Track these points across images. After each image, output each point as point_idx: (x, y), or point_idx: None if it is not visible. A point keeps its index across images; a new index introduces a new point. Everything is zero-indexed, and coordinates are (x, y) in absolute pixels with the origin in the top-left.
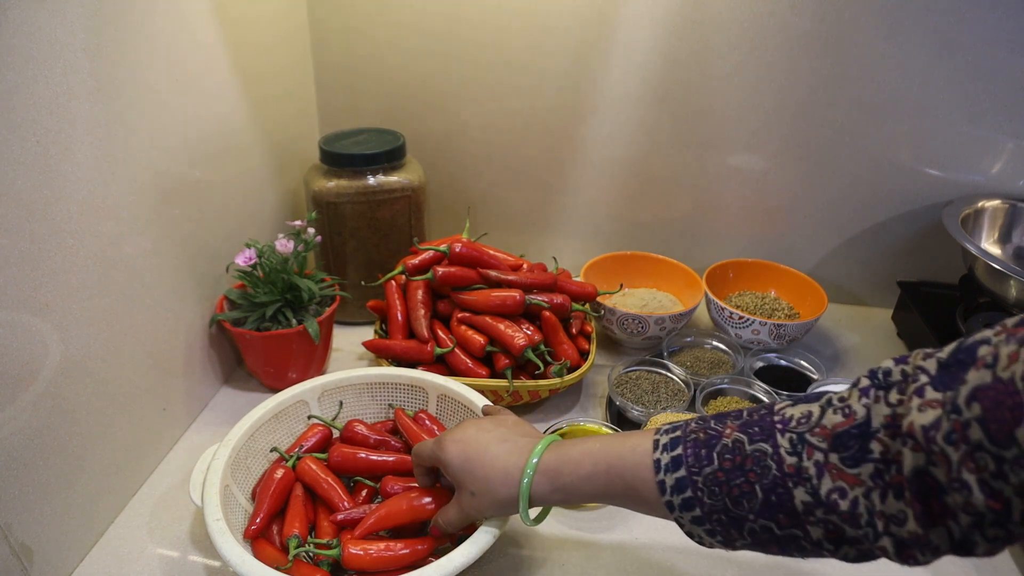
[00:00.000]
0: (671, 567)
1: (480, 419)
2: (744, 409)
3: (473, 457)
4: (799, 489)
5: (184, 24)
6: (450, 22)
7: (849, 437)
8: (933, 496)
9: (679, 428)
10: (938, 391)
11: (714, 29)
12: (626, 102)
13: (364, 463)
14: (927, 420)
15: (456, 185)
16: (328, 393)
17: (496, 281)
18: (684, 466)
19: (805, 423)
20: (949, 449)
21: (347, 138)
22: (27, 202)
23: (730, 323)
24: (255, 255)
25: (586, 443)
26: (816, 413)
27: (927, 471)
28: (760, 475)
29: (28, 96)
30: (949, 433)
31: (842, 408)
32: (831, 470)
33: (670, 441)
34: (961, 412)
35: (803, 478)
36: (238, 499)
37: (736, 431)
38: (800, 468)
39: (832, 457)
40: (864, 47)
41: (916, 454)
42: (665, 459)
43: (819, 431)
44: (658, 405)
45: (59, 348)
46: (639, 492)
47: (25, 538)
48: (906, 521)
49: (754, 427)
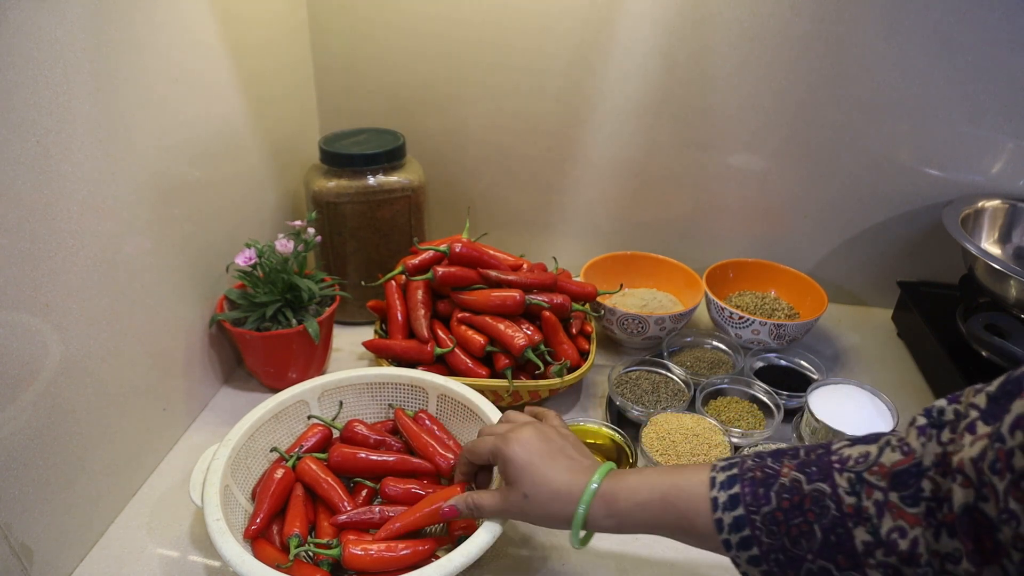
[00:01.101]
0: (671, 566)
1: (542, 426)
2: (800, 447)
3: (536, 462)
4: (859, 529)
5: (184, 24)
6: (450, 23)
7: (909, 475)
8: (985, 533)
9: (735, 465)
10: (988, 425)
11: (714, 29)
12: (626, 103)
13: (364, 463)
14: (975, 452)
15: (456, 185)
16: (328, 393)
17: (496, 281)
18: (742, 504)
19: (863, 462)
20: (995, 479)
21: (347, 138)
22: (27, 202)
23: (730, 323)
24: (255, 255)
25: (643, 472)
26: (874, 453)
27: (976, 507)
28: (819, 515)
29: (28, 96)
30: (993, 462)
31: (900, 447)
32: (891, 509)
33: (727, 479)
34: (1005, 441)
35: (863, 518)
36: (238, 499)
37: (793, 470)
38: (860, 508)
39: (892, 496)
40: (864, 47)
41: (966, 490)
42: (723, 497)
43: (877, 469)
44: (658, 405)
45: (59, 348)
46: (694, 525)
47: (25, 538)
48: (961, 560)
49: (812, 466)
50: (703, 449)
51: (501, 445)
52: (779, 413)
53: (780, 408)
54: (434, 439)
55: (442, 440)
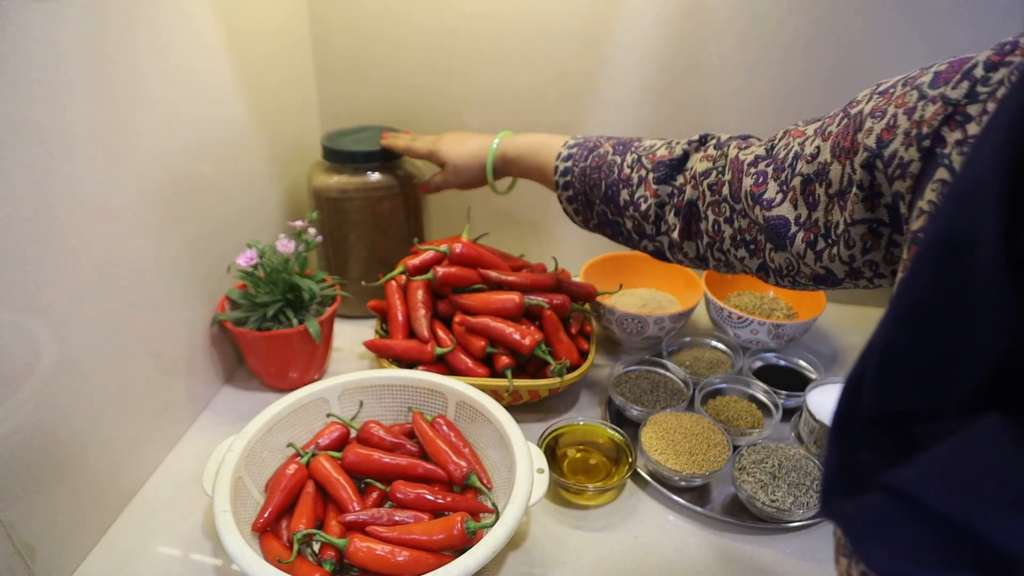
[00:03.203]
0: (671, 567)
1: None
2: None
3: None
4: (624, 191)
5: (186, 25)
6: (450, 23)
7: (664, 166)
8: (694, 221)
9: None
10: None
11: (714, 30)
12: (625, 102)
13: (377, 465)
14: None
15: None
16: (349, 392)
17: (496, 282)
18: (572, 159)
19: (647, 150)
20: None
21: (349, 135)
22: (29, 203)
23: (729, 323)
24: (256, 255)
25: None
26: (657, 146)
27: (694, 202)
28: (607, 175)
29: (30, 98)
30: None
31: (671, 148)
32: (645, 182)
33: (574, 143)
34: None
35: (627, 183)
36: (251, 491)
37: (611, 146)
38: (629, 177)
39: (649, 176)
40: (863, 47)
41: (693, 190)
42: (564, 152)
43: (651, 156)
44: (657, 405)
45: (61, 348)
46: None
47: (28, 537)
48: (674, 231)
49: (620, 146)
50: (702, 448)
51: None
52: (778, 412)
53: (779, 407)
54: (449, 445)
55: (457, 448)
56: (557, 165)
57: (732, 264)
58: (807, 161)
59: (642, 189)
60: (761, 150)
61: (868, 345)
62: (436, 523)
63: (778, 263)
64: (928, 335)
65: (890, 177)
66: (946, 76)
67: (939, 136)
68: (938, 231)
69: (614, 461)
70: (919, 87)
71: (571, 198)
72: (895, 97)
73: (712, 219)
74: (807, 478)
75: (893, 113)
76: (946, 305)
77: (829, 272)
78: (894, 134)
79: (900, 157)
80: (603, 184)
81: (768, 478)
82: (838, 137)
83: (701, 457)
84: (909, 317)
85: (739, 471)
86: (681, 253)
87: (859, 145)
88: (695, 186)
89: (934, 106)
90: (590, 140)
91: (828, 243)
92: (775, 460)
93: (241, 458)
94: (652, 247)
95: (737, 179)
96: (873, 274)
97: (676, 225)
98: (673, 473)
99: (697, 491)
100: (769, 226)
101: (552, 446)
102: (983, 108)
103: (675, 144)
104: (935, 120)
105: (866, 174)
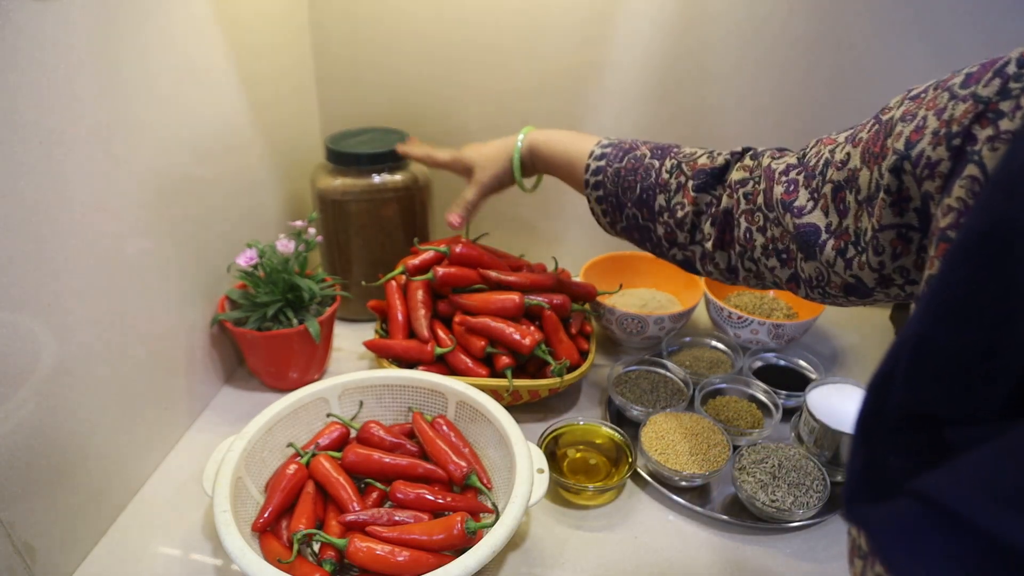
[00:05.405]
0: (671, 567)
1: None
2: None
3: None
4: (661, 196)
5: (187, 26)
6: (451, 23)
7: (705, 174)
8: (728, 230)
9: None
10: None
11: (713, 30)
12: (625, 102)
13: (377, 465)
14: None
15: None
16: (349, 392)
17: (496, 282)
18: (605, 159)
19: (687, 157)
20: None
21: (353, 137)
22: (30, 203)
23: (729, 323)
24: (256, 255)
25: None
26: (698, 154)
27: (730, 211)
28: (643, 179)
29: (31, 98)
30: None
31: (713, 157)
32: (683, 190)
33: (608, 143)
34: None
35: (666, 189)
36: (251, 492)
37: (648, 149)
38: (667, 183)
39: (689, 183)
40: (863, 47)
41: (729, 200)
42: (597, 151)
43: (691, 164)
44: (657, 404)
45: (61, 348)
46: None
47: (28, 537)
48: (708, 241)
49: (659, 150)
50: (702, 448)
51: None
52: (778, 412)
53: (779, 407)
54: (449, 446)
55: (457, 448)
56: (589, 164)
57: (763, 275)
58: (837, 168)
59: (680, 196)
60: (793, 159)
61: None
62: (436, 523)
63: (808, 273)
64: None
65: (919, 178)
66: (978, 76)
67: (969, 134)
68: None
69: (614, 461)
70: (950, 88)
71: (600, 198)
72: (926, 100)
73: (744, 227)
74: (807, 478)
75: (923, 115)
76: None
77: (859, 281)
78: (922, 135)
79: (928, 157)
80: (638, 187)
81: (768, 478)
82: (868, 143)
83: (701, 457)
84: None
85: (739, 471)
86: (712, 264)
87: (888, 150)
88: (731, 195)
89: (964, 104)
90: (625, 142)
91: (857, 250)
92: (775, 460)
93: (241, 458)
94: (682, 256)
95: (769, 187)
96: (904, 280)
97: (712, 235)
98: (673, 473)
99: (697, 491)
100: (799, 233)
101: (552, 446)
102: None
103: (717, 154)
104: (965, 118)
105: (894, 178)
